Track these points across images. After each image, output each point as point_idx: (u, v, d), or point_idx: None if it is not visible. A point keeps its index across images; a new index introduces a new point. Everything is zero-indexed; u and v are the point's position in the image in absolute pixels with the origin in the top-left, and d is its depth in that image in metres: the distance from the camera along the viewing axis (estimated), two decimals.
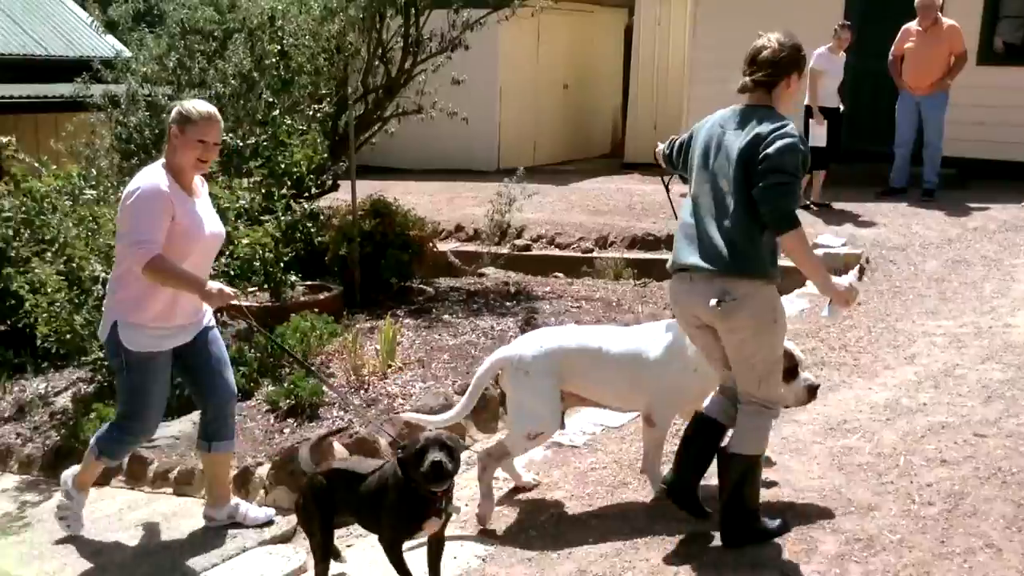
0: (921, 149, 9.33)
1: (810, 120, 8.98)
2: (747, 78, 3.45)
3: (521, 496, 4.10)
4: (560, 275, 8.57)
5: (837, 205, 9.18)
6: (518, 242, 9.34)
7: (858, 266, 3.35)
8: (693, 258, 3.39)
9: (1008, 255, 7.14)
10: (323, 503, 3.42)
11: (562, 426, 4.26)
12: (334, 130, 8.01)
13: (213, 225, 3.99)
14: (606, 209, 10.39)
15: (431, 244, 7.79)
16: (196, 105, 3.86)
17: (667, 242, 8.97)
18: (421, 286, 7.69)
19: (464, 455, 3.61)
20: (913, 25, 9.06)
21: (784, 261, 3.39)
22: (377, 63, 7.95)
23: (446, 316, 6.77)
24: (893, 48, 9.24)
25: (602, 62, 15.48)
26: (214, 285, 3.81)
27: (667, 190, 4.53)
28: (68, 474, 4.28)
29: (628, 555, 3.55)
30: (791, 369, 3.77)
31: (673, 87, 13.27)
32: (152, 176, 3.78)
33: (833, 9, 10.70)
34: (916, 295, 6.62)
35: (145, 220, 3.67)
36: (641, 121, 14.12)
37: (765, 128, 3.31)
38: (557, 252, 9.28)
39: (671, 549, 3.57)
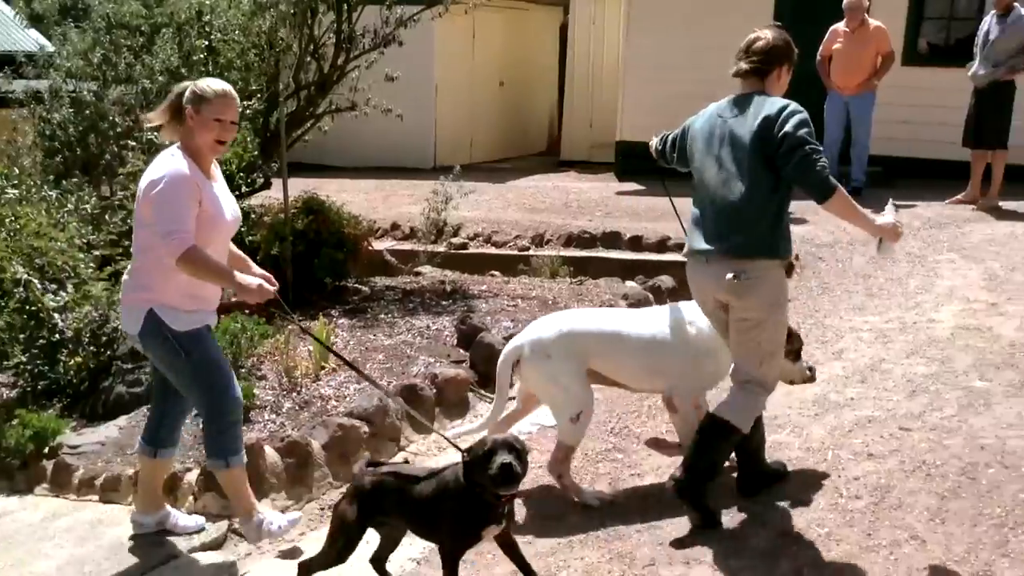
0: (849, 148, 9.53)
1: None
2: (742, 64, 3.63)
3: None
4: (497, 273, 8.56)
5: None
6: (455, 240, 9.31)
7: (891, 201, 3.63)
8: (708, 242, 3.55)
9: (932, 251, 7.32)
10: (368, 510, 3.24)
11: None
12: (265, 127, 7.87)
13: (233, 209, 3.84)
14: (542, 207, 10.41)
15: (366, 242, 7.71)
16: (210, 83, 3.68)
17: (603, 240, 9.03)
18: (356, 285, 7.60)
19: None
20: (841, 26, 9.26)
21: None
22: (309, 59, 7.82)
23: (382, 316, 6.71)
24: (821, 49, 9.42)
25: (538, 60, 15.52)
26: (252, 279, 3.67)
27: (668, 194, 4.71)
28: (243, 521, 3.99)
29: (563, 554, 3.56)
30: (798, 351, 3.98)
31: (608, 85, 13.36)
32: (175, 162, 3.58)
33: (763, 11, 10.87)
34: (844, 291, 6.75)
35: (176, 208, 3.49)
36: (577, 119, 14.19)
37: (772, 109, 3.46)
38: (494, 250, 9.27)
39: (606, 547, 3.59)
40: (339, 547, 3.27)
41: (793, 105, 3.48)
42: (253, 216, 7.21)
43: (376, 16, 7.85)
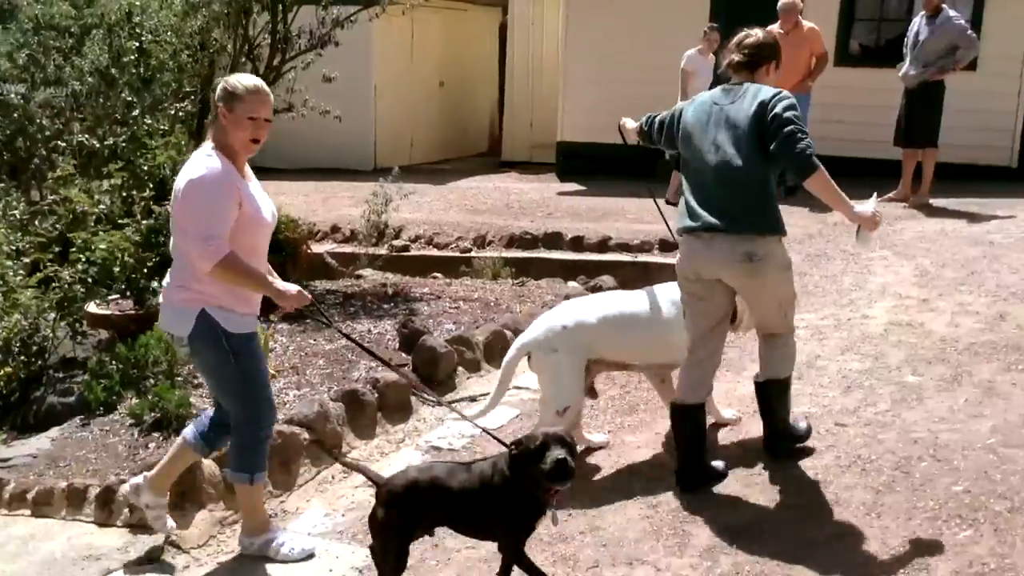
0: None
1: None
2: (735, 56, 3.90)
3: None
4: (439, 275, 8.53)
5: None
6: (396, 243, 9.25)
7: (875, 194, 4.02)
8: (709, 221, 3.70)
9: (866, 248, 7.46)
10: (409, 515, 3.14)
11: (594, 395, 4.58)
12: (200, 130, 7.72)
13: (271, 208, 3.70)
14: (484, 208, 10.41)
15: (305, 246, 7.62)
16: (241, 80, 3.54)
17: (544, 240, 9.06)
18: None
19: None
20: (775, 28, 9.37)
21: None
22: (244, 60, 7.70)
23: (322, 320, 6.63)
24: None
25: (478, 60, 15.51)
26: (291, 286, 3.59)
27: (652, 195, 5.13)
28: (248, 539, 3.84)
29: None
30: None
31: (548, 86, 13.40)
32: (212, 162, 3.44)
33: (699, 12, 11.02)
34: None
35: (213, 212, 3.37)
36: (517, 119, 14.22)
37: (766, 95, 3.73)
38: (436, 252, 9.24)
39: (549, 551, 3.59)
40: (393, 561, 3.17)
41: (784, 92, 3.75)
42: None
43: (312, 16, 7.77)
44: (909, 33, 8.82)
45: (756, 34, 3.93)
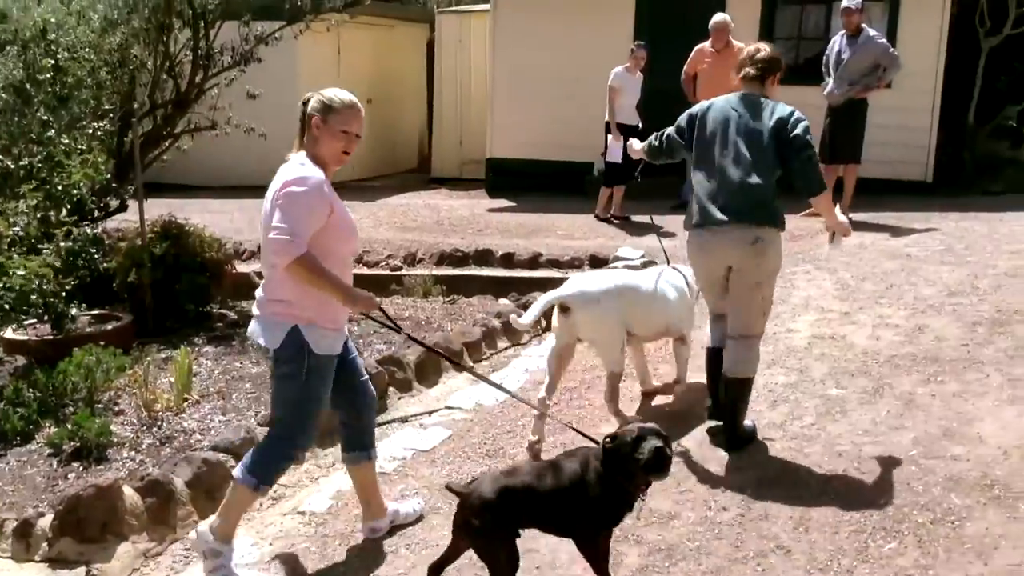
0: None
1: (608, 136, 9.29)
2: (749, 69, 4.36)
3: (329, 531, 3.96)
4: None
5: (636, 218, 9.55)
6: None
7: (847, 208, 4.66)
8: (727, 213, 4.19)
9: (788, 263, 7.59)
10: (507, 521, 3.10)
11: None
12: (120, 148, 7.55)
13: (355, 224, 3.73)
14: (414, 225, 10.35)
15: (230, 266, 7.47)
16: (338, 93, 3.63)
17: (475, 257, 9.04)
18: (222, 311, 7.37)
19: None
20: (707, 46, 9.53)
21: None
22: (165, 77, 7.56)
23: (249, 342, 6.49)
24: (686, 67, 9.68)
25: (406, 77, 15.47)
26: (362, 291, 3.61)
27: (651, 220, 5.92)
28: (204, 530, 3.74)
29: None
30: None
31: (477, 102, 13.43)
32: (307, 169, 3.50)
33: (624, 31, 11.17)
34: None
35: (301, 213, 3.40)
36: (447, 136, 14.21)
37: (785, 112, 4.21)
38: (366, 270, 9.13)
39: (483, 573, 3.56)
40: (505, 567, 3.12)
41: (798, 112, 4.24)
42: (108, 242, 6.89)
43: (235, 33, 7.65)
44: (830, 52, 9.04)
45: (766, 49, 4.43)
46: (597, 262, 8.56)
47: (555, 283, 8.49)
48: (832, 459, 4.15)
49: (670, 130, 4.64)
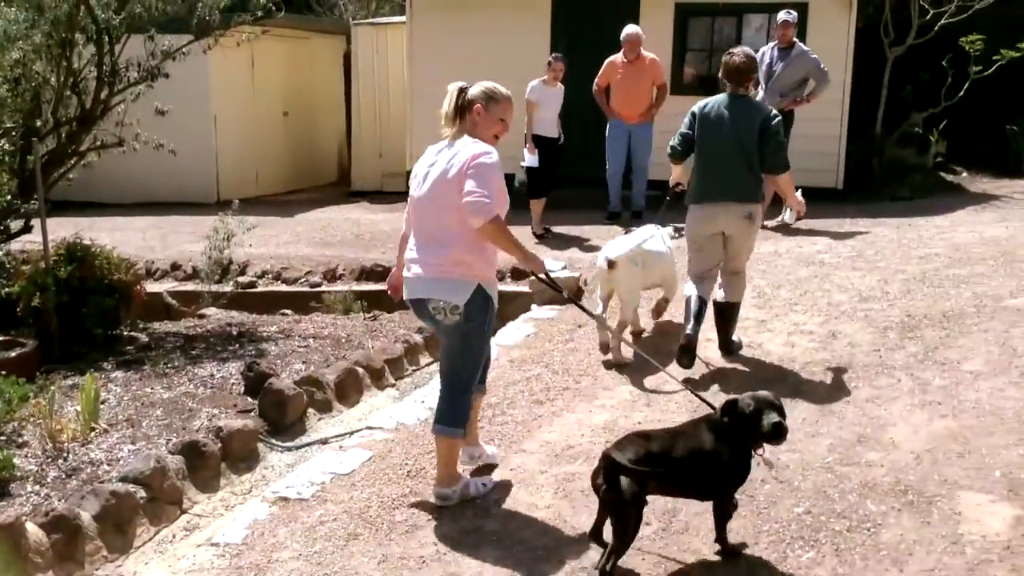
0: (629, 173, 9.92)
1: (524, 149, 9.27)
2: (731, 75, 5.37)
3: (244, 563, 3.84)
4: (288, 312, 8.28)
5: (557, 229, 9.57)
6: (242, 279, 8.94)
7: (800, 190, 5.69)
8: (725, 192, 5.36)
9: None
10: (643, 485, 3.34)
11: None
12: (22, 167, 7.25)
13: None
14: (334, 240, 10.20)
15: (140, 287, 7.22)
16: (497, 87, 4.14)
17: None
18: (133, 334, 7.12)
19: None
20: (618, 58, 9.60)
21: None
22: (69, 94, 7.29)
23: (161, 365, 6.30)
24: (598, 79, 9.75)
25: (323, 89, 15.27)
26: (533, 252, 4.12)
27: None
28: (442, 492, 4.16)
29: None
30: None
31: (396, 114, 13.32)
32: (486, 146, 3.98)
33: (541, 43, 11.22)
34: None
35: (493, 182, 3.88)
36: (366, 148, 14.06)
37: (766, 112, 5.39)
38: (284, 288, 8.97)
39: None
40: (631, 530, 3.36)
41: (775, 112, 5.45)
42: (9, 266, 6.61)
43: (143, 47, 7.43)
44: (759, 63, 9.17)
45: (740, 55, 5.40)
46: (519, 274, 8.54)
47: None
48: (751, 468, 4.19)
49: (683, 130, 5.57)
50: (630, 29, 9.47)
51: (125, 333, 7.05)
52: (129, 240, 10.48)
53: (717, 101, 5.43)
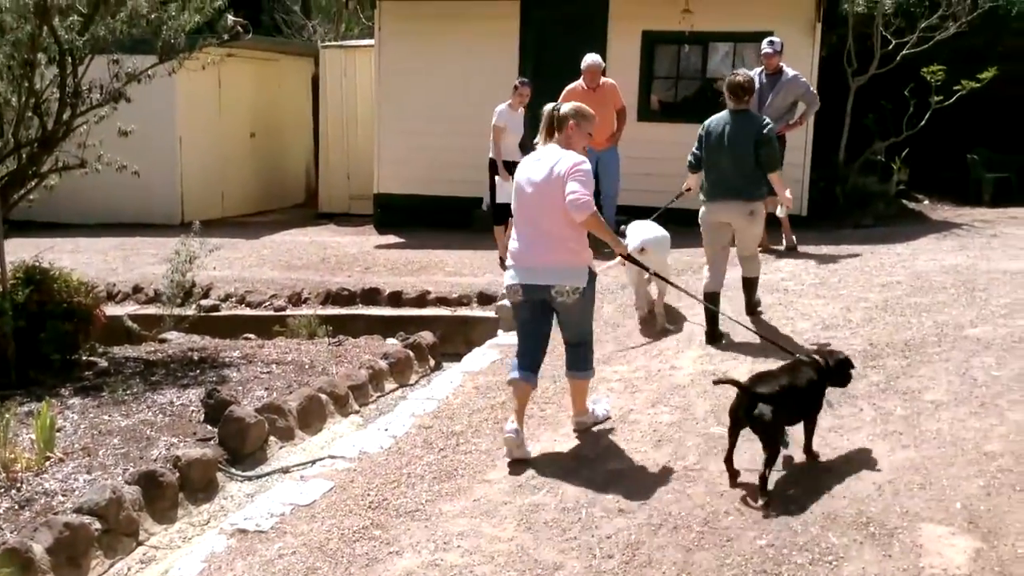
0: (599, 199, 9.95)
1: (496, 176, 9.25)
2: (737, 93, 6.35)
3: None
4: (252, 336, 8.19)
5: None
6: (204, 302, 8.84)
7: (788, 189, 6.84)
8: (731, 192, 6.33)
9: (672, 300, 7.74)
10: (784, 411, 4.30)
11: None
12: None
13: None
14: (299, 263, 10.14)
15: (100, 311, 7.11)
16: (585, 107, 5.05)
17: (362, 296, 8.89)
18: (92, 359, 7.00)
19: None
20: (579, 85, 9.61)
21: None
22: (31, 115, 7.17)
23: (120, 392, 6.19)
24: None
25: (290, 111, 15.23)
26: (619, 238, 5.32)
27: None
28: (581, 420, 5.20)
29: None
30: None
31: (364, 137, 13.30)
32: (580, 155, 4.88)
33: (508, 66, 11.26)
34: (595, 341, 6.92)
35: (590, 182, 4.76)
36: (334, 170, 14.02)
37: (762, 122, 6.41)
38: (248, 312, 8.89)
39: None
40: (777, 442, 4.25)
41: (770, 122, 6.49)
42: None
43: (106, 70, 7.34)
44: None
45: (743, 75, 6.43)
46: (486, 299, 8.53)
47: (443, 321, 8.47)
48: (714, 499, 4.19)
49: (694, 150, 6.61)
50: (591, 59, 9.48)
51: (84, 358, 6.93)
52: (91, 262, 10.36)
53: (720, 118, 6.47)
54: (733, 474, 4.35)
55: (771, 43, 9.19)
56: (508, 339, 7.37)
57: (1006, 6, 12.17)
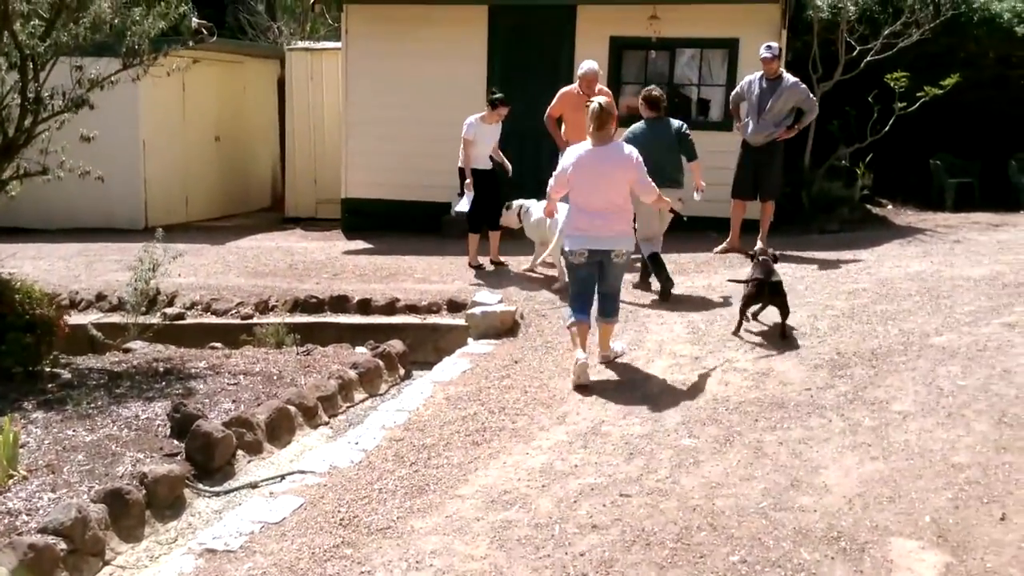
0: None
1: (463, 183, 9.20)
2: (649, 108, 8.04)
3: None
4: (218, 345, 8.07)
5: (503, 258, 9.56)
6: (169, 310, 8.71)
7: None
8: (665, 181, 7.29)
9: (640, 305, 7.77)
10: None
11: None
12: None
13: None
14: (266, 270, 10.03)
15: (63, 322, 6.98)
16: (611, 102, 6.51)
17: (331, 304, 8.81)
18: (55, 370, 6.87)
19: None
20: (574, 89, 9.52)
21: None
22: None
23: (84, 405, 6.08)
24: (551, 109, 9.60)
25: (256, 114, 15.09)
26: None
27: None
28: (607, 353, 6.55)
29: None
30: None
31: (331, 141, 13.23)
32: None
33: (476, 71, 11.26)
34: (566, 350, 6.95)
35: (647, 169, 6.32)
36: (301, 175, 13.93)
37: (678, 124, 8.05)
38: (214, 320, 8.77)
39: None
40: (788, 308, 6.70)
41: (684, 124, 8.13)
42: None
43: (68, 75, 7.20)
44: (745, 94, 9.39)
45: (657, 90, 8.20)
46: (455, 306, 8.50)
47: (413, 329, 8.43)
48: (687, 514, 4.20)
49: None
50: (588, 65, 9.40)
51: (47, 370, 6.80)
52: (53, 268, 10.19)
53: (641, 126, 8.00)
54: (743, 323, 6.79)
55: (769, 48, 9.26)
56: (478, 348, 7.36)
57: (967, 13, 12.33)
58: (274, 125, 15.22)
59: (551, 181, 6.68)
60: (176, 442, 5.50)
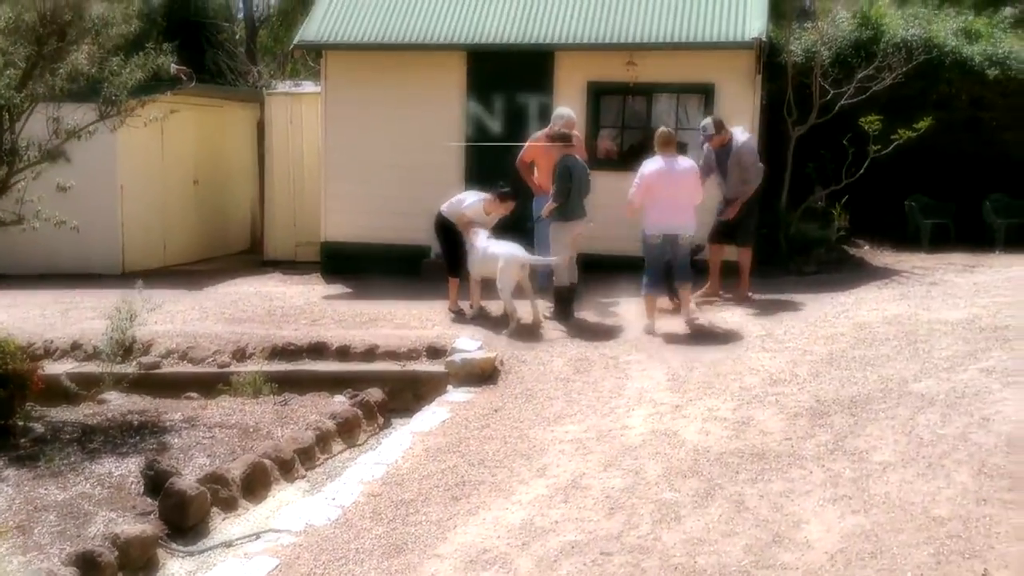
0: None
1: (446, 231, 9.21)
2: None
3: None
4: (194, 395, 7.98)
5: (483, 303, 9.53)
6: (145, 359, 8.60)
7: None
8: (582, 214, 8.97)
9: (622, 352, 7.77)
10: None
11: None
12: None
13: None
14: (244, 316, 9.94)
15: (38, 376, 6.88)
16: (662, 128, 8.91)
17: (309, 351, 8.74)
18: (28, 424, 6.76)
19: None
20: (542, 136, 9.62)
21: None
22: None
23: (56, 462, 5.97)
24: (522, 155, 9.72)
25: (235, 157, 15.08)
26: None
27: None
28: (692, 316, 8.59)
29: None
30: None
31: (310, 184, 13.22)
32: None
33: (454, 115, 11.33)
34: (546, 398, 6.94)
35: None
36: (279, 217, 13.89)
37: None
38: (191, 368, 8.66)
39: None
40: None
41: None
42: None
43: (44, 124, 7.16)
44: (709, 162, 9.59)
45: (568, 116, 9.47)
46: (435, 352, 8.45)
47: (393, 377, 8.36)
48: (668, 573, 4.15)
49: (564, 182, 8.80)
50: (568, 112, 9.61)
51: (19, 424, 6.69)
52: (28, 316, 10.07)
53: (574, 159, 9.01)
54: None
55: (703, 129, 9.54)
56: (458, 396, 7.32)
57: (939, 56, 12.53)
58: (253, 168, 15.19)
59: (631, 189, 8.66)
60: (150, 500, 5.42)
